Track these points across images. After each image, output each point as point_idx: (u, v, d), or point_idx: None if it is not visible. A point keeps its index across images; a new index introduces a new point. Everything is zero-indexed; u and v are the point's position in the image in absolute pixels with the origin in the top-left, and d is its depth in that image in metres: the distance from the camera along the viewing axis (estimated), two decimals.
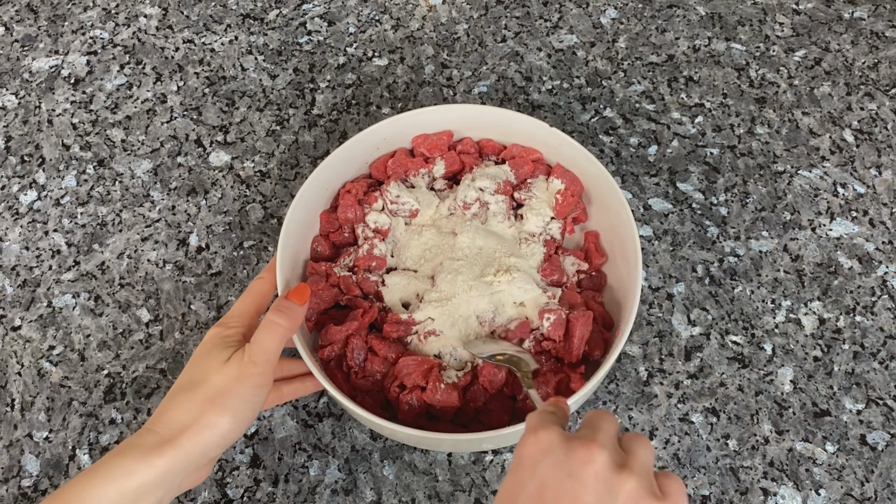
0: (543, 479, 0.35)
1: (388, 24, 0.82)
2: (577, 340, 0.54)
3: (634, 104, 0.76)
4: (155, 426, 0.45)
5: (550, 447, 0.36)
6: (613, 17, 0.82)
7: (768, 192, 0.71)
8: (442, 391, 0.52)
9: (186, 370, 0.48)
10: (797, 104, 0.76)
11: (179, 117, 0.76)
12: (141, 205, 0.71)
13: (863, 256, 0.67)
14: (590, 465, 0.35)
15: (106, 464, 0.44)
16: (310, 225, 0.61)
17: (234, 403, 0.46)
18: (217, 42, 0.81)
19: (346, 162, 0.62)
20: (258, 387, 0.47)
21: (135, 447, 0.44)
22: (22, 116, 0.77)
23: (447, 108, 0.63)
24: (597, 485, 0.34)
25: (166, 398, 0.47)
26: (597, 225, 0.62)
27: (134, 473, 0.43)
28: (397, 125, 0.62)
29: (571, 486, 0.34)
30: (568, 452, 0.36)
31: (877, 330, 0.64)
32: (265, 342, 0.47)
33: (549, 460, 0.36)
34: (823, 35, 0.81)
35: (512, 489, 0.37)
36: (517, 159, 0.63)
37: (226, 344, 0.48)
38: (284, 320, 0.48)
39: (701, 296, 0.65)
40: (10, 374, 0.63)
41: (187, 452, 0.44)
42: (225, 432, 0.46)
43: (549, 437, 0.37)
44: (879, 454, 0.58)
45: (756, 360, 0.62)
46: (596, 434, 0.36)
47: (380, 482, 0.58)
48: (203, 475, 0.50)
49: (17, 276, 0.68)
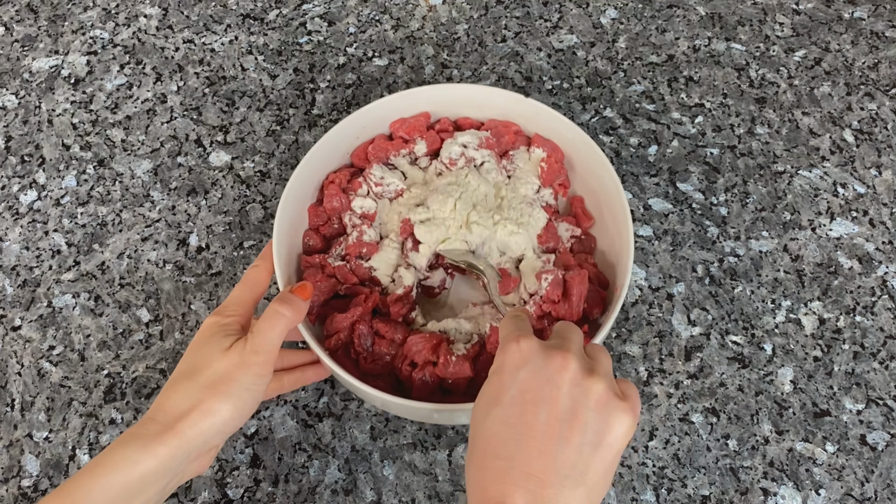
0: (525, 384, 0.40)
1: (388, 24, 0.82)
2: (576, 298, 0.55)
3: (634, 104, 0.76)
4: (156, 415, 0.45)
5: (531, 355, 0.41)
6: (613, 17, 0.82)
7: (768, 192, 0.71)
8: (454, 363, 0.53)
9: (185, 358, 0.48)
10: (797, 104, 0.76)
11: (179, 117, 0.76)
12: (141, 205, 0.71)
13: (863, 256, 0.67)
14: (565, 371, 0.40)
15: (109, 455, 0.44)
16: (300, 220, 0.61)
17: (235, 390, 0.46)
18: (217, 42, 0.81)
19: (328, 154, 0.62)
20: (259, 376, 0.47)
21: (137, 437, 0.44)
22: (22, 116, 0.77)
23: (420, 90, 0.63)
24: (572, 388, 0.39)
25: (166, 386, 0.47)
26: (580, 190, 0.63)
27: (137, 463, 0.43)
28: (375, 112, 0.63)
29: (550, 391, 0.39)
30: (546, 360, 0.40)
31: (877, 330, 0.64)
32: (268, 332, 0.47)
33: (530, 367, 0.40)
34: (823, 35, 0.80)
35: (495, 391, 0.41)
36: (497, 130, 0.63)
37: (225, 332, 0.48)
38: (288, 311, 0.48)
39: (701, 296, 0.65)
40: (10, 374, 0.63)
41: (189, 439, 0.45)
42: (226, 419, 0.46)
43: (529, 346, 0.41)
44: (879, 454, 0.58)
45: (756, 361, 0.62)
46: (568, 344, 0.42)
47: (380, 482, 0.58)
48: (206, 463, 0.50)
49: (18, 276, 0.68)
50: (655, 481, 0.58)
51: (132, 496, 0.43)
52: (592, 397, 0.39)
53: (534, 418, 0.39)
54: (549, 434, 0.38)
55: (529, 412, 0.39)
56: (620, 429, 0.39)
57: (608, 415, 0.39)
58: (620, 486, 0.57)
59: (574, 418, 0.39)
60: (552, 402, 0.39)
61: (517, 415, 0.39)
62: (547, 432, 0.38)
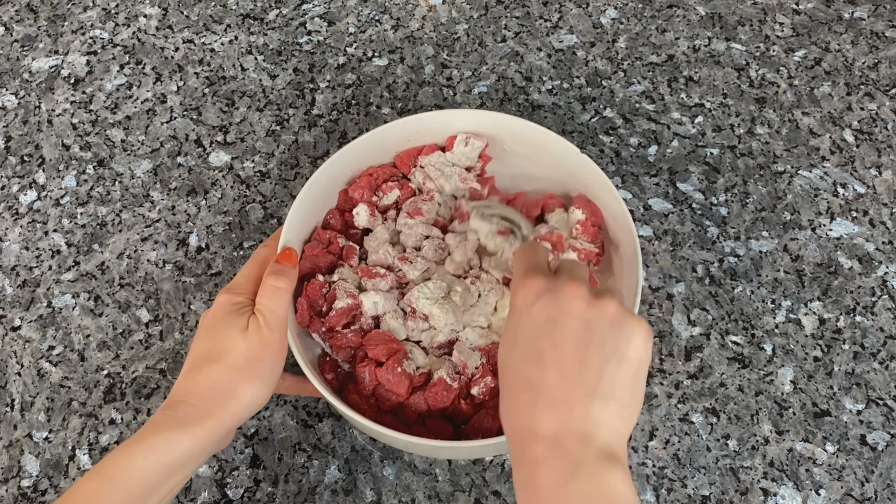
0: (538, 318, 0.40)
1: (388, 24, 0.82)
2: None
3: (634, 104, 0.76)
4: (188, 398, 0.46)
5: (539, 291, 0.41)
6: (613, 17, 0.82)
7: (768, 193, 0.70)
8: (396, 374, 0.52)
9: (204, 338, 0.49)
10: (797, 104, 0.76)
11: (179, 117, 0.76)
12: (141, 205, 0.71)
13: (863, 256, 0.67)
14: (576, 298, 0.40)
15: (146, 437, 0.44)
16: (326, 199, 0.61)
17: (263, 371, 0.48)
18: (217, 42, 0.81)
19: (377, 146, 0.61)
20: (279, 352, 0.49)
21: (173, 419, 0.45)
22: (22, 116, 0.77)
23: (483, 114, 0.61)
24: (584, 311, 0.40)
25: (189, 367, 0.48)
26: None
27: (177, 444, 0.44)
28: (433, 121, 0.61)
29: (563, 318, 0.40)
30: (555, 291, 0.41)
31: (877, 330, 0.64)
32: (276, 308, 0.49)
33: (541, 301, 0.41)
34: (823, 35, 0.80)
35: (513, 331, 0.42)
36: (527, 208, 0.60)
37: (239, 311, 0.49)
38: (285, 283, 0.50)
39: (701, 296, 0.65)
40: (10, 375, 0.63)
41: (225, 422, 0.46)
42: (259, 399, 0.48)
43: (537, 282, 0.42)
44: (879, 454, 0.58)
45: (756, 361, 0.62)
46: (573, 273, 0.42)
47: (380, 482, 0.58)
48: (229, 439, 0.51)
49: (17, 276, 0.68)
50: (655, 481, 0.58)
51: (170, 475, 0.45)
52: (606, 316, 0.40)
53: (551, 347, 0.39)
54: (569, 359, 0.39)
55: (546, 343, 0.39)
56: (638, 340, 0.40)
57: (623, 330, 0.40)
58: None
59: (591, 339, 0.39)
60: (566, 328, 0.39)
61: (534, 348, 0.40)
62: (566, 358, 0.39)
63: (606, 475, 0.37)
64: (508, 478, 0.58)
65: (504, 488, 0.57)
